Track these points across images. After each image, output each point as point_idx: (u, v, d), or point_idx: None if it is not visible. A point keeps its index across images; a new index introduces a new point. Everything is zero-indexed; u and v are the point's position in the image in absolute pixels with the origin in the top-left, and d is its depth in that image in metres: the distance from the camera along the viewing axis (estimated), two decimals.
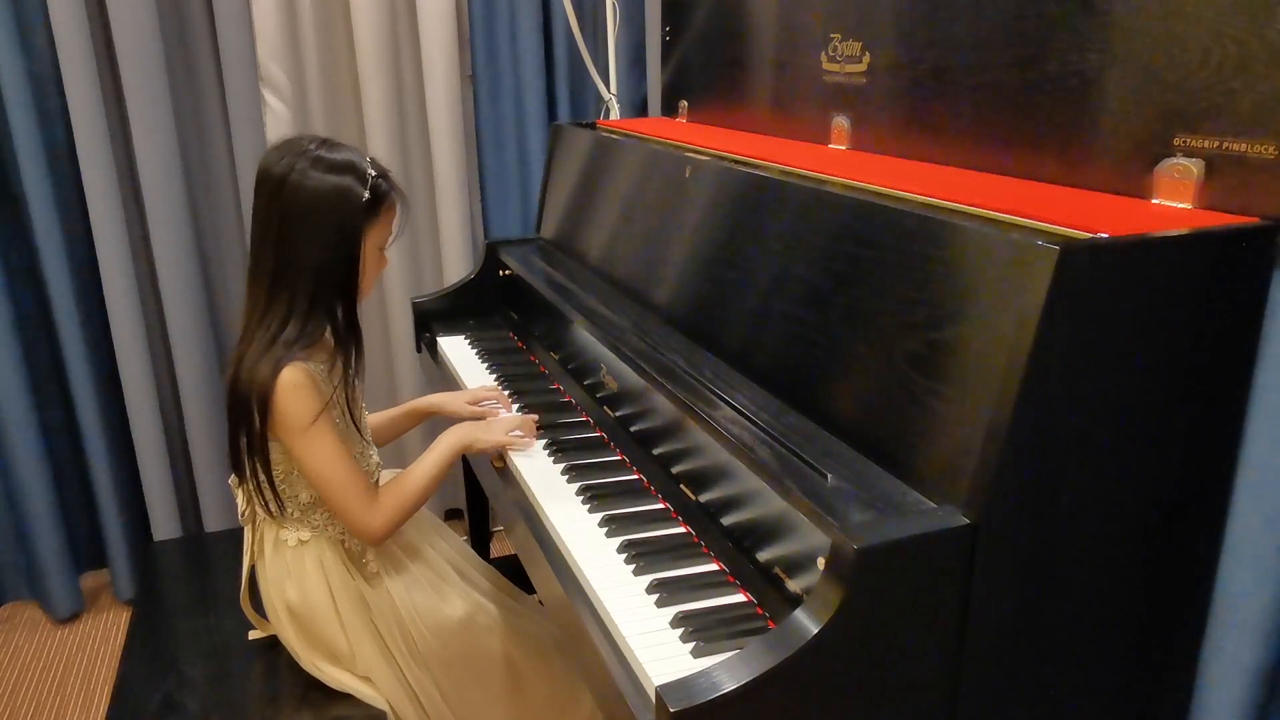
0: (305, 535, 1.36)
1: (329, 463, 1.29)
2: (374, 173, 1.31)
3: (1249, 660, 0.96)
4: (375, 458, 1.45)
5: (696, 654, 0.95)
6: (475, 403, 1.59)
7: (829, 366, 1.09)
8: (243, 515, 1.40)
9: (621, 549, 1.15)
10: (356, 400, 1.40)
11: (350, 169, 1.29)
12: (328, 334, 1.33)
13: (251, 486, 1.32)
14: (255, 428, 1.28)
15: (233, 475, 1.36)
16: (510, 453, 1.42)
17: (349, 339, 1.33)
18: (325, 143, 1.30)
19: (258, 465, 1.30)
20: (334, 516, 1.35)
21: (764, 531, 1.06)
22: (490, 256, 2.07)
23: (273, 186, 1.26)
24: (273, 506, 1.34)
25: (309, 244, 1.27)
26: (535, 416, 1.50)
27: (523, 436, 1.44)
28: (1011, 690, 0.95)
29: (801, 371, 1.13)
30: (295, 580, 1.37)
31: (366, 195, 1.29)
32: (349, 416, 1.37)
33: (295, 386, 1.26)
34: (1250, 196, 0.93)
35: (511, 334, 1.98)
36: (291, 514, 1.36)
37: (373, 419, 1.65)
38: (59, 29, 2.03)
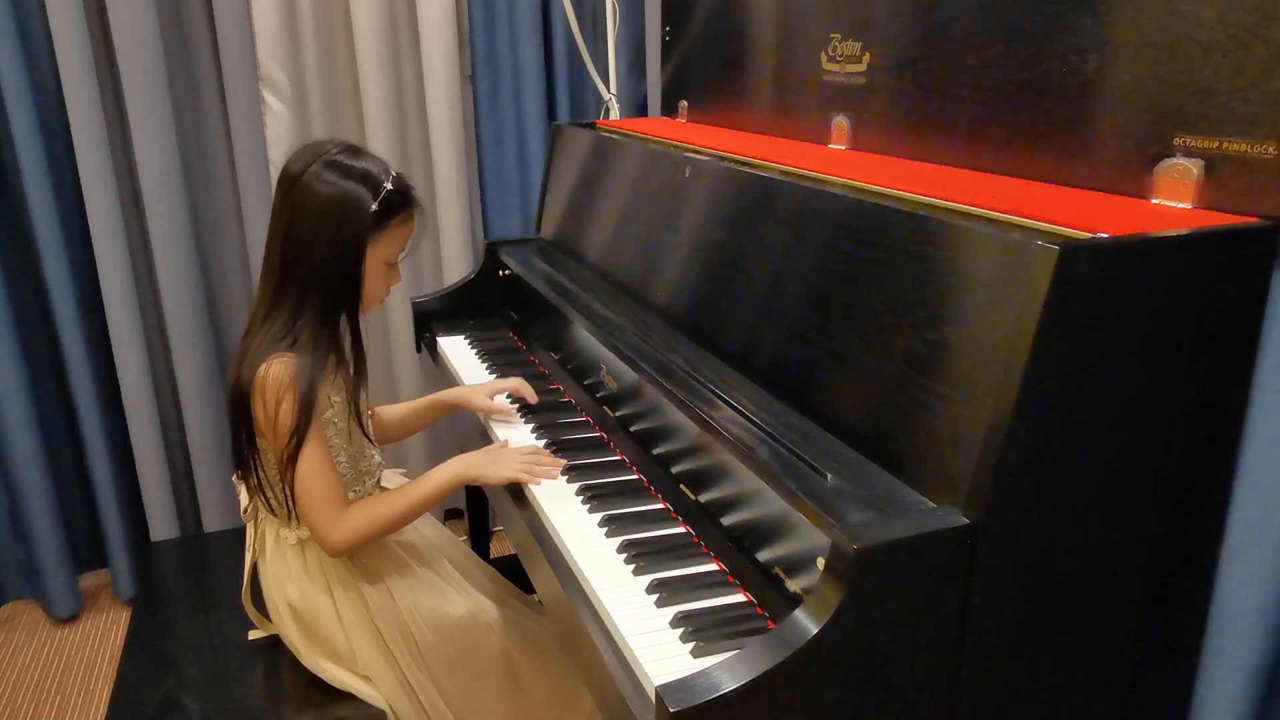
0: (305, 534, 1.36)
1: (303, 464, 1.27)
2: (390, 186, 1.29)
3: (1249, 660, 0.96)
4: (377, 458, 1.45)
5: (696, 654, 0.95)
6: (496, 395, 1.56)
7: (829, 366, 1.09)
8: (245, 512, 1.41)
9: (621, 549, 1.15)
10: (361, 405, 1.39)
11: (365, 178, 1.28)
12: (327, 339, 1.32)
13: (253, 483, 1.33)
14: (251, 426, 1.29)
15: (237, 471, 1.36)
16: None
17: (352, 349, 1.33)
18: (350, 149, 1.30)
19: (255, 463, 1.31)
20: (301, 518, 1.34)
21: (764, 531, 1.06)
22: (490, 256, 2.07)
23: (287, 185, 1.27)
24: (274, 503, 1.34)
25: (313, 249, 1.27)
26: (542, 445, 1.43)
27: (535, 468, 1.34)
28: (1011, 690, 0.95)
29: (801, 371, 1.13)
30: (296, 579, 1.37)
31: (374, 208, 1.27)
32: (355, 421, 1.37)
33: (278, 384, 1.25)
34: (1250, 196, 0.93)
35: (511, 334, 1.98)
36: (293, 510, 1.36)
37: (393, 410, 1.65)
38: (57, 29, 2.03)
